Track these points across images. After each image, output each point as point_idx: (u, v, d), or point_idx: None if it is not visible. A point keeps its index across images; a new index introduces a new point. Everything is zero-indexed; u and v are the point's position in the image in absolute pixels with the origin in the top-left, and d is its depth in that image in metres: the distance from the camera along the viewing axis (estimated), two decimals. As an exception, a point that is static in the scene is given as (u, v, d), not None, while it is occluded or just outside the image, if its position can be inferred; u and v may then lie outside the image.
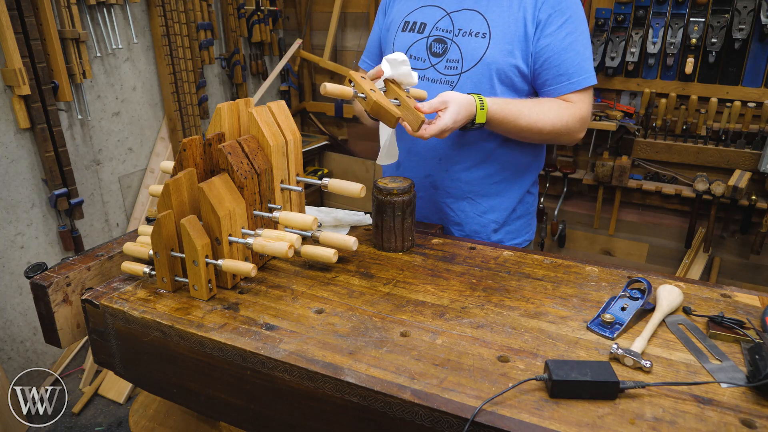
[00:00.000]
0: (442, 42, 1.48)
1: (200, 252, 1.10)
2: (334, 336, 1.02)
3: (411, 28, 1.54)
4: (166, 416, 1.40)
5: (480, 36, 1.43)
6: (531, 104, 1.41)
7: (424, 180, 1.56)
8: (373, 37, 1.71)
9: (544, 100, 1.45)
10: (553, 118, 1.40)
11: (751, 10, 2.54)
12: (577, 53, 1.41)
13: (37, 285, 1.17)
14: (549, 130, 1.41)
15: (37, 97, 2.40)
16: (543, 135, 1.42)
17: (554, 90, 1.44)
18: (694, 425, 0.81)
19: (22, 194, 2.50)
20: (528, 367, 0.94)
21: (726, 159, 2.78)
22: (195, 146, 1.19)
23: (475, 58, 1.43)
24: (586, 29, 1.44)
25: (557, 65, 1.41)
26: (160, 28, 2.94)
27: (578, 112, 1.43)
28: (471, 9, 1.45)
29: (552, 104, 1.43)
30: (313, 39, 3.89)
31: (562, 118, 1.41)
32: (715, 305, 1.12)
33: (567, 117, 1.42)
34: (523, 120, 1.38)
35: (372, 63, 1.72)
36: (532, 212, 1.68)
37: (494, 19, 1.42)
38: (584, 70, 1.42)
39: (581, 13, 1.43)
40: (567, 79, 1.42)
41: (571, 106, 1.43)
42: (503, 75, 1.43)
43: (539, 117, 1.39)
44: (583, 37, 1.43)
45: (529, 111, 1.39)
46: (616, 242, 3.26)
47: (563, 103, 1.43)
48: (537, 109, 1.40)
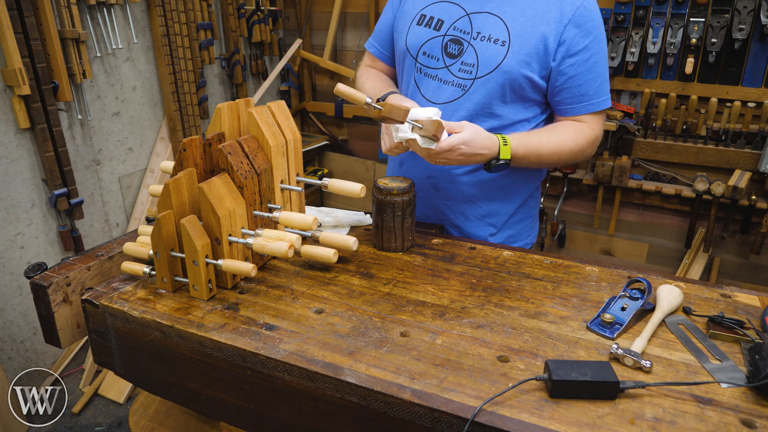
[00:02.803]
0: (458, 43, 1.44)
1: (200, 252, 1.10)
2: (334, 336, 1.02)
3: (427, 23, 1.49)
4: (166, 416, 1.40)
5: (499, 43, 1.40)
6: (547, 133, 1.43)
7: (426, 181, 1.56)
8: (385, 21, 1.64)
9: (558, 125, 1.46)
10: (571, 144, 1.42)
11: (751, 10, 2.54)
12: (598, 75, 1.41)
13: (37, 285, 1.17)
14: (567, 156, 1.44)
15: (37, 97, 2.40)
16: (561, 161, 1.45)
17: (572, 109, 1.44)
18: (694, 425, 0.81)
19: (22, 194, 2.50)
20: (528, 367, 0.94)
21: (726, 159, 2.78)
22: (195, 146, 1.19)
23: (492, 65, 1.40)
24: (606, 49, 1.44)
25: (578, 85, 1.41)
26: (160, 28, 2.94)
27: (592, 134, 1.45)
28: (492, 13, 1.41)
29: (568, 129, 1.44)
30: (313, 39, 3.89)
31: (578, 143, 1.43)
32: (715, 305, 1.12)
33: (583, 141, 1.44)
34: (544, 150, 1.40)
35: (380, 47, 1.66)
36: (533, 216, 1.67)
37: (515, 28, 1.39)
38: (603, 92, 1.43)
39: (604, 34, 1.42)
40: (587, 100, 1.42)
41: (585, 128, 1.44)
42: (517, 85, 1.41)
43: (558, 145, 1.41)
44: (605, 59, 1.43)
45: (548, 141, 1.40)
46: (616, 242, 3.26)
47: (578, 127, 1.44)
48: (554, 138, 1.41)
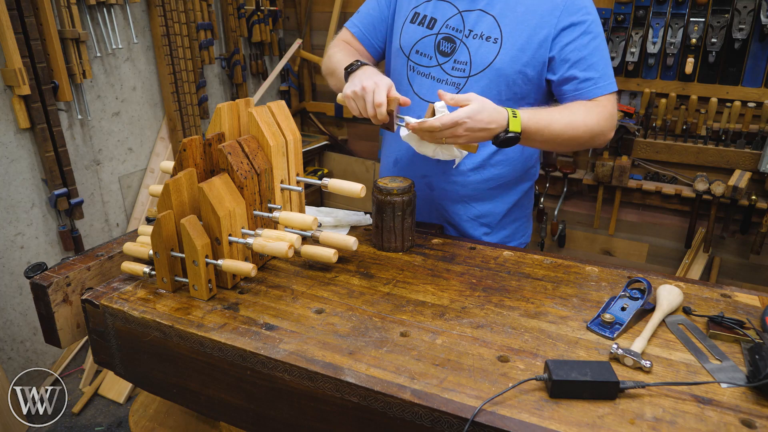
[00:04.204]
0: (451, 41, 1.45)
1: (200, 252, 1.10)
2: (334, 336, 1.02)
3: (420, 22, 1.49)
4: (166, 416, 1.40)
5: (492, 41, 1.40)
6: (559, 109, 1.37)
7: (420, 180, 1.56)
8: (376, 7, 1.59)
9: (568, 104, 1.40)
10: (586, 119, 1.36)
11: (751, 10, 2.54)
12: (600, 58, 1.39)
13: (37, 285, 1.17)
14: (583, 132, 1.36)
15: (37, 97, 2.40)
16: (578, 138, 1.37)
17: (580, 94, 1.39)
18: (694, 425, 0.81)
19: (22, 194, 2.50)
20: (528, 367, 0.94)
21: (726, 159, 2.78)
22: (195, 146, 1.19)
23: (485, 63, 1.41)
24: (603, 34, 1.41)
25: (584, 69, 1.37)
26: (160, 28, 2.94)
27: (605, 111, 1.39)
28: (484, 11, 1.42)
29: (579, 106, 1.38)
30: (313, 39, 3.89)
31: (593, 118, 1.36)
32: (715, 305, 1.12)
33: (596, 116, 1.37)
34: (557, 125, 1.32)
35: (363, 30, 1.60)
36: (527, 215, 1.67)
37: (507, 24, 1.39)
38: (609, 75, 1.40)
39: (599, 18, 1.40)
40: (593, 84, 1.38)
41: (597, 104, 1.39)
42: (511, 82, 1.41)
43: (571, 120, 1.34)
44: (604, 42, 1.41)
45: (560, 115, 1.34)
46: (616, 242, 3.26)
47: (589, 103, 1.39)
48: (567, 113, 1.36)
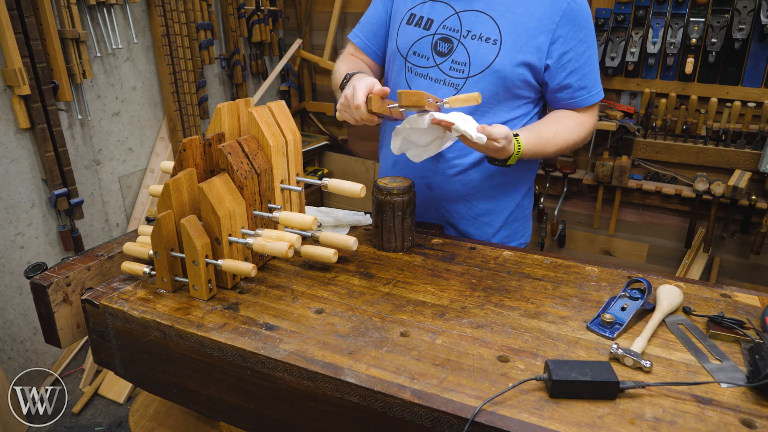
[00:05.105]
0: (448, 41, 1.44)
1: (200, 252, 1.10)
2: (334, 336, 1.02)
3: (417, 23, 1.49)
4: (166, 416, 1.40)
5: (491, 42, 1.40)
6: (554, 127, 1.45)
7: (419, 180, 1.56)
8: (374, 14, 1.61)
9: (561, 118, 1.48)
10: (574, 137, 1.47)
11: (751, 10, 2.54)
12: (594, 67, 1.46)
13: (37, 285, 1.17)
14: (569, 146, 1.48)
15: (37, 97, 2.40)
16: (562, 152, 1.50)
17: (574, 103, 1.47)
18: (694, 425, 0.81)
19: (22, 194, 2.50)
20: (528, 367, 0.94)
21: (726, 159, 2.78)
22: (195, 146, 1.19)
23: (484, 64, 1.41)
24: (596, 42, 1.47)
25: (579, 79, 1.44)
26: (160, 28, 2.94)
27: (589, 125, 1.51)
28: (481, 11, 1.42)
29: (570, 122, 1.47)
30: (313, 39, 3.89)
31: (580, 134, 1.48)
32: (715, 305, 1.12)
33: (584, 132, 1.49)
34: (550, 147, 1.43)
35: (366, 40, 1.63)
36: (527, 215, 1.68)
37: (506, 26, 1.39)
38: (598, 84, 1.49)
39: (593, 27, 1.46)
40: (587, 93, 1.46)
41: (585, 119, 1.49)
42: (510, 83, 1.42)
43: (563, 139, 1.45)
44: (597, 50, 1.48)
45: (554, 136, 1.43)
46: (616, 242, 3.26)
47: (578, 118, 1.48)
48: (561, 132, 1.45)
